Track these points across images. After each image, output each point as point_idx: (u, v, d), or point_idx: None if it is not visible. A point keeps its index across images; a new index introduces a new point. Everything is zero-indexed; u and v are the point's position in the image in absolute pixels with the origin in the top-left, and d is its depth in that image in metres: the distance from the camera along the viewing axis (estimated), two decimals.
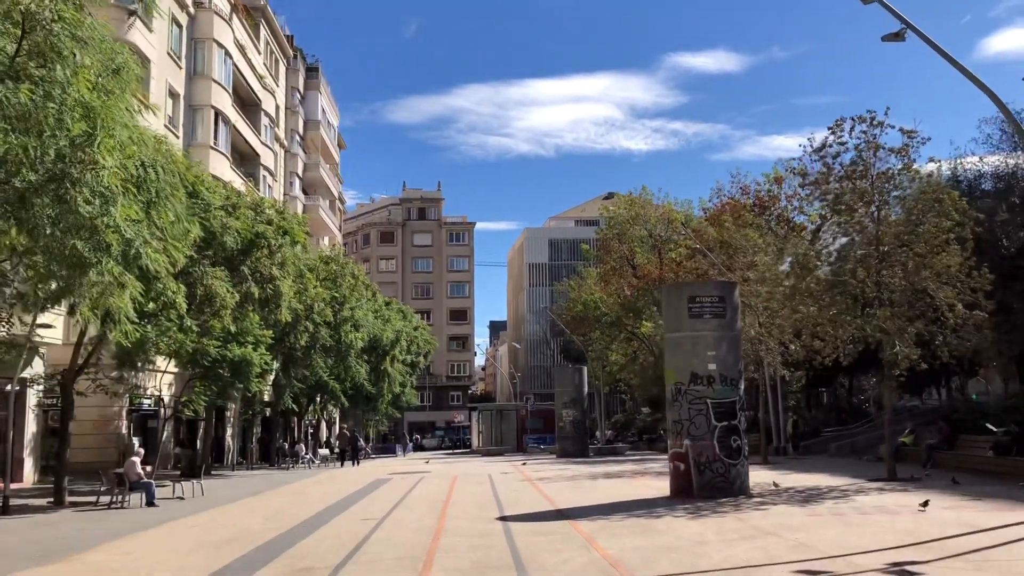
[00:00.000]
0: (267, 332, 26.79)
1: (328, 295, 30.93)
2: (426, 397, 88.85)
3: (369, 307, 40.75)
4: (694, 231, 44.92)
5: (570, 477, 24.11)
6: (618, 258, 56.86)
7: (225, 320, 19.86)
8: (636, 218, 55.17)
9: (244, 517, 15.68)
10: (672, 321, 17.43)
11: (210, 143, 39.03)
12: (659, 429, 50.34)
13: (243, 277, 20.79)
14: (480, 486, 21.60)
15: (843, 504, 14.90)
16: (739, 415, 16.84)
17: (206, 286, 19.34)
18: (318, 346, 31.71)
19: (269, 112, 50.52)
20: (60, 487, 19.31)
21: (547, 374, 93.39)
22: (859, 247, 19.19)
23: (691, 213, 54.08)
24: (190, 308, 19.43)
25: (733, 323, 17.25)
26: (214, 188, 21.71)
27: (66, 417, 19.97)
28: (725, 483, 16.50)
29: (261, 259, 21.33)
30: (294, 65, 60.11)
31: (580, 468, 28.59)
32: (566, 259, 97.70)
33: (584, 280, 66.86)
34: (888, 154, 19.63)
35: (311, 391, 39.71)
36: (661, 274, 51.46)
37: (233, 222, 20.69)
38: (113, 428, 31.14)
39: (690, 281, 25.46)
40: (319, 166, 62.84)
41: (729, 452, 16.57)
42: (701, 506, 15.02)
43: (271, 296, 21.38)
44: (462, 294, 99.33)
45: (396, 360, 45.80)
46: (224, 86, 40.98)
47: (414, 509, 16.00)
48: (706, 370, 16.70)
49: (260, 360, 25.53)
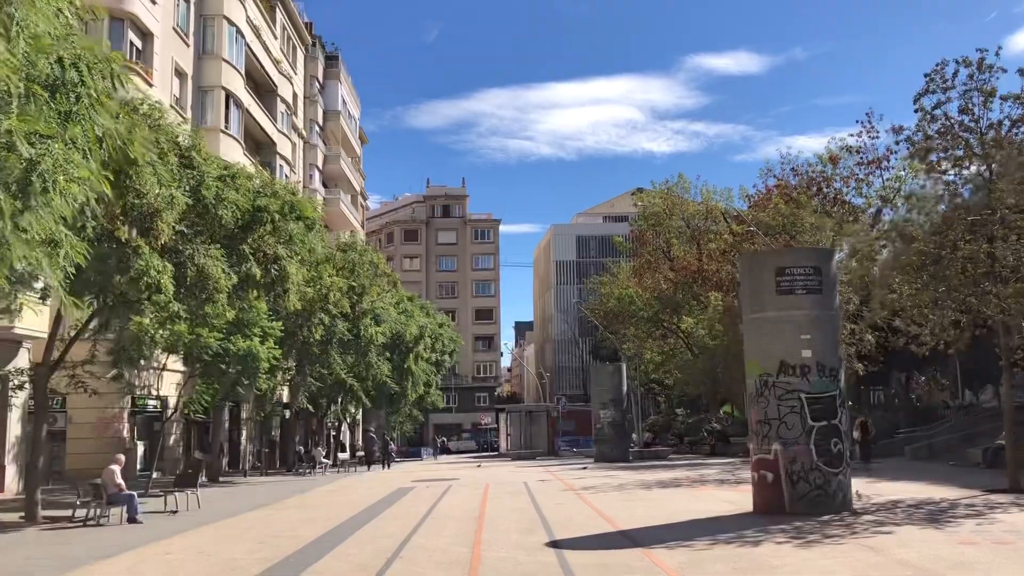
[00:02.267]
0: (276, 324, 24.02)
1: (345, 284, 28.05)
2: (452, 398, 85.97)
3: (390, 299, 37.94)
4: (736, 218, 41.68)
5: (618, 486, 21.04)
6: (653, 250, 53.68)
7: (220, 305, 17.01)
8: (672, 207, 52.09)
9: (232, 541, 12.80)
10: (754, 299, 14.34)
11: (221, 127, 36.39)
12: (701, 431, 47.10)
13: (243, 257, 17.95)
14: (517, 498, 18.61)
15: (987, 525, 11.74)
16: (840, 412, 13.72)
17: (198, 266, 16.51)
18: (335, 340, 28.85)
19: (286, 99, 47.89)
20: (32, 500, 16.57)
21: (576, 374, 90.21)
22: (973, 211, 15.96)
23: (731, 203, 51.05)
24: (179, 291, 16.63)
25: (831, 300, 14.12)
26: (210, 157, 18.91)
27: (39, 419, 17.21)
28: (824, 497, 13.39)
29: (264, 236, 18.50)
30: (312, 53, 57.49)
31: (626, 475, 25.51)
32: (594, 256, 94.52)
33: (616, 276, 63.85)
34: (1004, 102, 16.44)
35: (331, 391, 36.92)
36: (700, 266, 48.30)
37: (230, 194, 17.87)
38: (113, 431, 28.47)
39: (777, 249, 22.03)
40: (340, 158, 60.20)
41: (829, 459, 13.46)
42: (801, 526, 11.94)
43: (276, 279, 18.51)
44: (488, 293, 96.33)
45: (420, 358, 42.85)
46: (236, 67, 38.36)
47: (441, 531, 13.04)
48: (799, 358, 13.59)
49: (268, 354, 22.74)
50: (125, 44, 29.74)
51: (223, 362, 21.50)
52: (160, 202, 15.53)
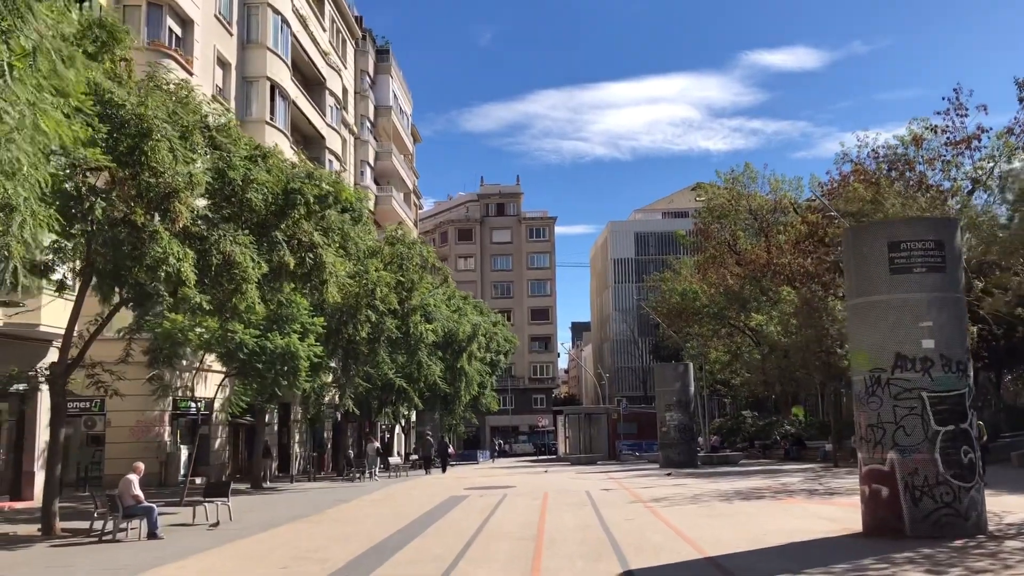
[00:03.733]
0: (318, 320, 22.39)
1: (393, 279, 26.32)
2: (508, 400, 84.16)
3: (441, 296, 36.18)
4: (813, 205, 38.95)
5: (693, 497, 18.85)
6: (718, 244, 51.02)
7: (250, 298, 15.35)
8: (738, 198, 49.40)
9: (253, 563, 11.07)
10: (860, 280, 12.06)
11: (266, 118, 35.14)
12: (773, 434, 44.37)
13: (275, 244, 16.30)
14: (580, 511, 16.58)
15: None
16: (970, 415, 11.39)
17: (224, 253, 14.89)
18: (383, 339, 27.15)
19: (335, 92, 46.59)
20: (49, 511, 15.17)
21: (636, 375, 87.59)
22: None
23: (801, 194, 48.18)
24: (204, 281, 15.04)
25: (955, 279, 11.78)
26: (238, 137, 17.34)
27: (56, 423, 15.81)
28: (954, 516, 11.07)
29: (299, 221, 16.82)
30: (363, 47, 56.26)
31: (699, 484, 23.26)
32: (653, 253, 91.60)
33: (678, 272, 61.24)
34: None
35: (382, 392, 35.30)
36: (770, 259, 45.57)
37: (260, 175, 16.24)
38: (154, 435, 27.29)
39: (889, 221, 19.39)
40: (391, 154, 58.88)
41: (959, 470, 11.13)
42: (933, 555, 9.71)
43: (312, 269, 16.81)
44: (543, 292, 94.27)
45: (474, 358, 40.99)
46: (282, 57, 37.11)
47: (493, 554, 11.10)
48: (919, 350, 11.29)
49: (308, 352, 21.11)
50: (163, 31, 28.61)
51: (260, 361, 19.91)
52: (178, 181, 13.98)
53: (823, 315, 29.19)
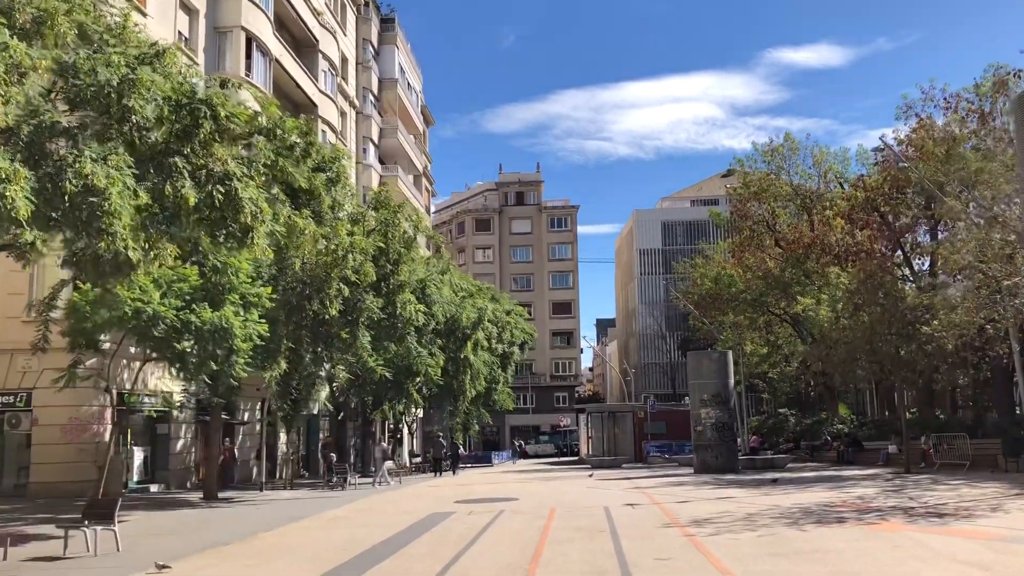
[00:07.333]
0: (264, 290, 17.86)
1: (371, 246, 21.70)
2: (528, 398, 79.48)
3: (435, 268, 31.51)
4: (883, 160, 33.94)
5: (747, 518, 14.02)
6: (756, 223, 45.96)
7: (122, 240, 10.78)
8: (779, 171, 44.40)
9: None
10: None
11: (240, 74, 30.71)
12: (822, 434, 39.27)
13: (172, 172, 11.77)
14: (592, 541, 11.86)
15: None
16: None
17: (80, 174, 10.35)
18: (361, 320, 22.53)
19: (330, 57, 42.17)
20: None
21: (664, 371, 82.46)
22: None
23: (848, 166, 43.16)
24: (49, 214, 10.53)
25: None
26: (134, 41, 12.85)
27: None
28: None
29: (210, 145, 12.30)
30: (365, 14, 51.71)
31: (749, 496, 18.42)
32: (681, 243, 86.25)
33: (711, 258, 56.24)
34: None
35: (378, 388, 30.72)
36: (816, 238, 40.53)
37: (149, 77, 11.71)
38: (91, 435, 22.88)
39: None
40: (397, 131, 54.25)
41: None
42: None
43: (224, 207, 12.26)
44: (565, 285, 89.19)
45: (480, 347, 36.26)
46: (260, 7, 32.73)
47: None
48: None
49: (248, 331, 16.55)
50: None
51: (180, 340, 15.37)
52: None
53: (892, 290, 24.22)
